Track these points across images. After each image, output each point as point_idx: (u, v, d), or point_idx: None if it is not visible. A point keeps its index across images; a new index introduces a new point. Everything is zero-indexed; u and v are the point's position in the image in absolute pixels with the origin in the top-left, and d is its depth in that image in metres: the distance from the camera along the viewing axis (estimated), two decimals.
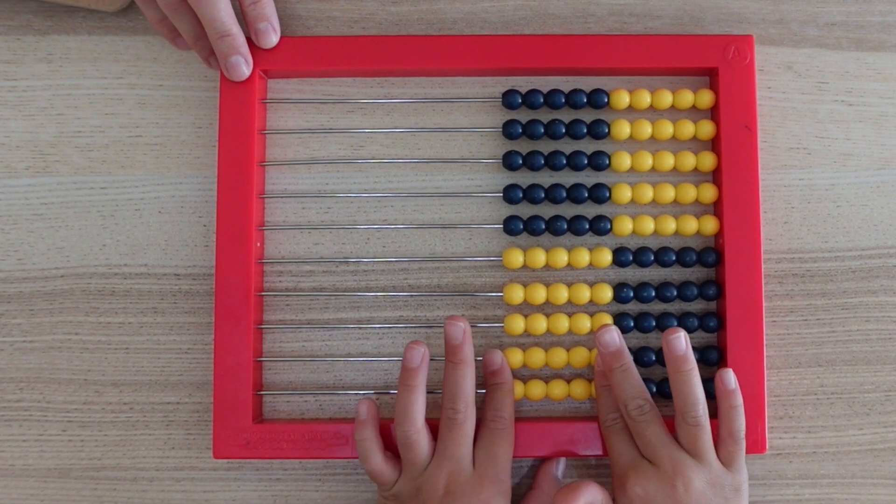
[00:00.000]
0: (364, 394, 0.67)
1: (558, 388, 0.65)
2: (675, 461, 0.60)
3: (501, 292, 0.66)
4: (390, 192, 0.68)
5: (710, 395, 0.63)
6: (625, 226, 0.66)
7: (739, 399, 0.62)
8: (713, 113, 0.67)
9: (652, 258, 0.66)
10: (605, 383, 0.64)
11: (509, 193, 0.66)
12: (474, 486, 0.61)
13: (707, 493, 0.59)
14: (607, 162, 0.66)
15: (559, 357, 0.65)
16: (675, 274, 0.67)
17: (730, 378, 0.62)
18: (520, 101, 0.66)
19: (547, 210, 0.67)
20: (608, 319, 0.65)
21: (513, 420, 0.63)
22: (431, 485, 0.61)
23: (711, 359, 0.65)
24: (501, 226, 0.66)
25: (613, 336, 0.62)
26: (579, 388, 0.65)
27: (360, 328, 0.67)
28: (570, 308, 0.67)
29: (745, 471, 0.62)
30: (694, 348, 0.64)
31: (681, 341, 0.61)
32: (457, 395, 0.62)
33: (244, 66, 0.64)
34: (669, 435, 0.61)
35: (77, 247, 0.68)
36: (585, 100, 0.66)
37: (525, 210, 0.67)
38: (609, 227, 0.66)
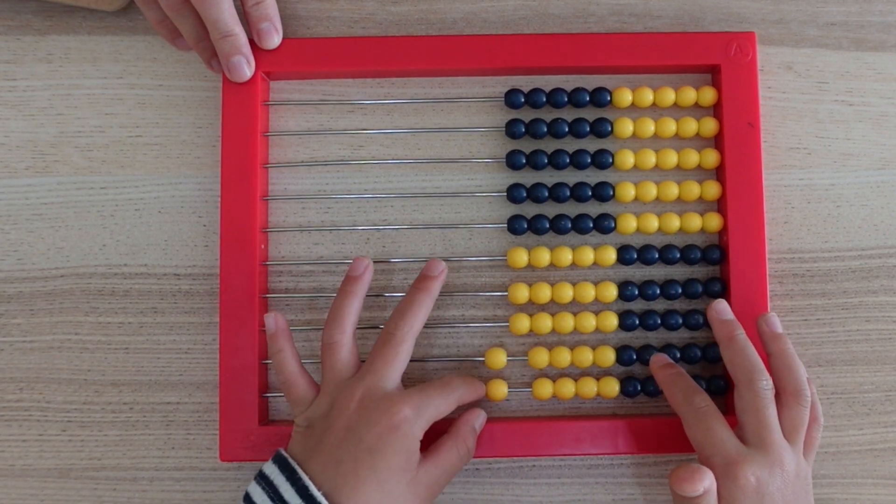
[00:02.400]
0: None
1: (565, 387, 0.63)
2: (780, 447, 0.55)
3: (504, 292, 0.64)
4: (391, 193, 0.65)
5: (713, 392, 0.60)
6: (629, 224, 0.63)
7: (813, 388, 0.58)
8: (716, 110, 0.64)
9: (656, 256, 0.63)
10: (675, 370, 0.60)
11: (513, 193, 0.63)
12: (390, 401, 0.56)
13: (795, 481, 0.55)
14: (610, 160, 0.63)
15: (564, 356, 0.63)
16: (679, 271, 0.65)
17: (775, 322, 0.59)
18: (522, 100, 0.64)
19: (550, 209, 0.64)
20: (613, 318, 0.63)
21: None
22: (345, 397, 0.56)
23: (715, 356, 0.63)
24: (505, 225, 0.64)
25: (726, 306, 0.59)
26: (586, 387, 0.63)
27: (360, 329, 0.64)
28: (575, 307, 0.64)
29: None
30: (698, 346, 0.63)
31: (776, 319, 0.59)
32: (406, 315, 0.58)
33: (246, 67, 0.62)
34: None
35: (77, 247, 0.65)
36: (588, 98, 0.64)
37: (528, 209, 0.64)
38: (613, 225, 0.63)
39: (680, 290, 0.63)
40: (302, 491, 0.54)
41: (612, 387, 0.62)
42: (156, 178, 0.65)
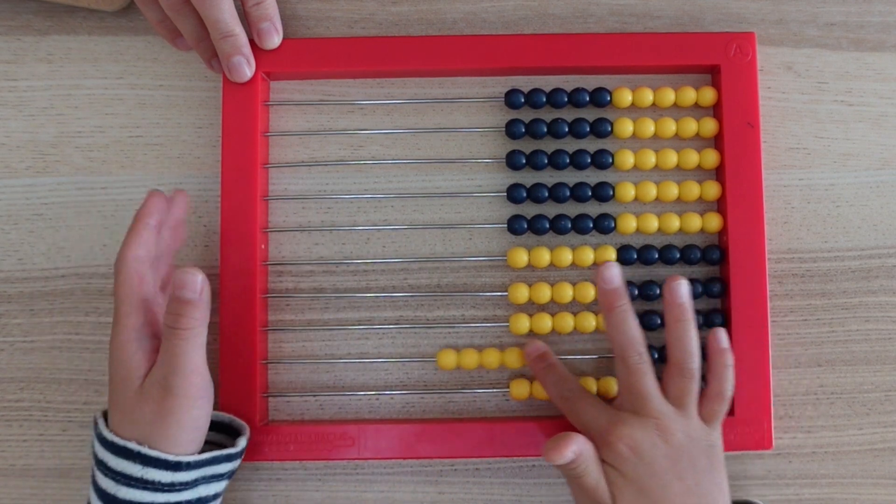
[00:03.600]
0: (365, 395, 0.64)
1: None
2: (661, 413, 0.56)
3: (503, 292, 0.63)
4: (391, 193, 0.65)
5: None
6: (629, 224, 0.62)
7: (731, 358, 0.59)
8: (716, 110, 0.64)
9: (656, 256, 0.63)
10: (548, 362, 0.60)
11: (513, 193, 0.63)
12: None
13: (686, 445, 0.56)
14: (610, 160, 0.63)
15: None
16: (679, 271, 0.64)
17: (722, 337, 0.59)
18: (522, 100, 0.64)
19: (550, 209, 0.64)
20: None
21: None
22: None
23: None
24: (505, 225, 0.63)
25: (616, 272, 0.58)
26: (586, 387, 0.62)
27: (360, 329, 0.64)
28: (575, 307, 0.63)
29: (720, 431, 0.58)
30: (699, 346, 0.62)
31: (683, 288, 0.57)
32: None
33: (246, 67, 0.61)
34: (658, 387, 0.57)
35: (77, 247, 0.64)
36: (588, 98, 0.63)
37: (528, 209, 0.64)
38: (613, 225, 0.63)
39: None
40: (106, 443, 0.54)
41: (613, 386, 0.62)
42: (156, 178, 0.65)
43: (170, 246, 0.60)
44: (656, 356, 0.62)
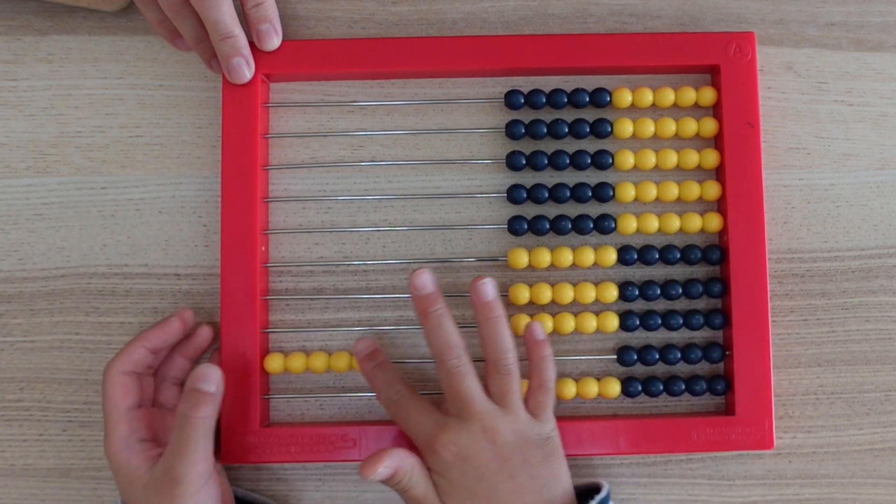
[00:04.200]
0: (365, 395, 0.63)
1: (566, 387, 0.62)
2: (486, 413, 0.56)
3: (504, 293, 0.63)
4: (391, 193, 0.64)
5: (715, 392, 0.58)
6: (629, 224, 0.62)
7: (548, 349, 0.58)
8: (715, 110, 0.63)
9: (656, 256, 0.62)
10: (377, 361, 0.59)
11: (513, 194, 0.63)
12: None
13: (516, 442, 0.56)
14: (610, 161, 0.62)
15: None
16: (679, 272, 0.64)
17: (537, 329, 0.59)
18: (522, 101, 0.63)
19: (551, 210, 0.63)
20: (614, 318, 0.62)
21: None
22: None
23: (716, 356, 0.62)
24: (505, 226, 0.63)
25: (426, 278, 0.57)
26: (586, 387, 0.62)
27: (360, 329, 0.64)
28: (576, 307, 0.63)
29: (554, 421, 0.58)
30: (699, 346, 0.62)
31: (488, 287, 0.57)
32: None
33: (246, 69, 0.61)
34: (482, 388, 0.57)
35: (77, 247, 0.64)
36: (588, 99, 0.63)
37: (529, 210, 0.63)
38: (613, 225, 0.62)
39: (680, 291, 0.62)
40: None
41: (613, 387, 0.62)
42: (156, 178, 0.64)
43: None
44: (679, 356, 0.62)
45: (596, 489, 0.58)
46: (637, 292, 0.62)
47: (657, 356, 0.62)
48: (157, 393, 0.61)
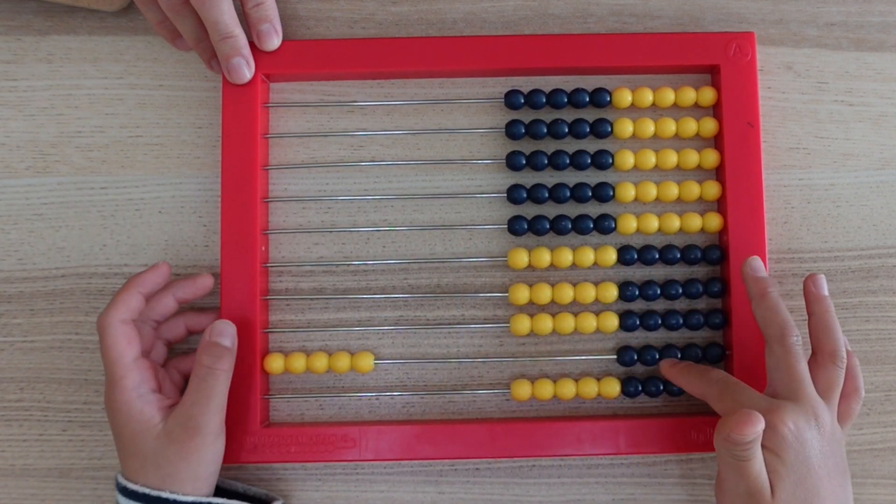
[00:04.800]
0: (365, 395, 0.63)
1: (566, 387, 0.62)
2: (814, 401, 0.54)
3: (504, 293, 0.63)
4: (391, 193, 0.64)
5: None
6: (629, 224, 0.62)
7: (857, 360, 0.58)
8: (715, 110, 0.63)
9: (656, 256, 0.62)
10: (680, 365, 0.60)
11: (513, 194, 0.62)
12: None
13: (833, 441, 0.54)
14: (610, 161, 0.62)
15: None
16: (679, 272, 0.64)
17: (846, 342, 0.58)
18: (522, 101, 0.63)
19: (551, 210, 0.63)
20: (614, 318, 0.62)
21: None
22: None
23: (716, 356, 0.62)
24: (505, 226, 0.63)
25: (759, 263, 0.58)
26: (586, 387, 0.62)
27: (360, 329, 0.64)
28: (576, 307, 0.63)
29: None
30: (699, 346, 0.62)
31: (824, 280, 0.57)
32: None
33: (246, 69, 0.61)
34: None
35: (77, 247, 0.64)
36: (588, 99, 0.63)
37: (529, 210, 0.63)
38: (613, 225, 0.62)
39: (680, 291, 0.62)
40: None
41: (613, 387, 0.62)
42: (156, 178, 0.64)
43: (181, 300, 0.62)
44: (679, 355, 0.62)
45: None
46: (637, 292, 0.62)
47: (657, 356, 0.62)
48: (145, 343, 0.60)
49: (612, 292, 0.62)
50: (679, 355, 0.62)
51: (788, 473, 0.52)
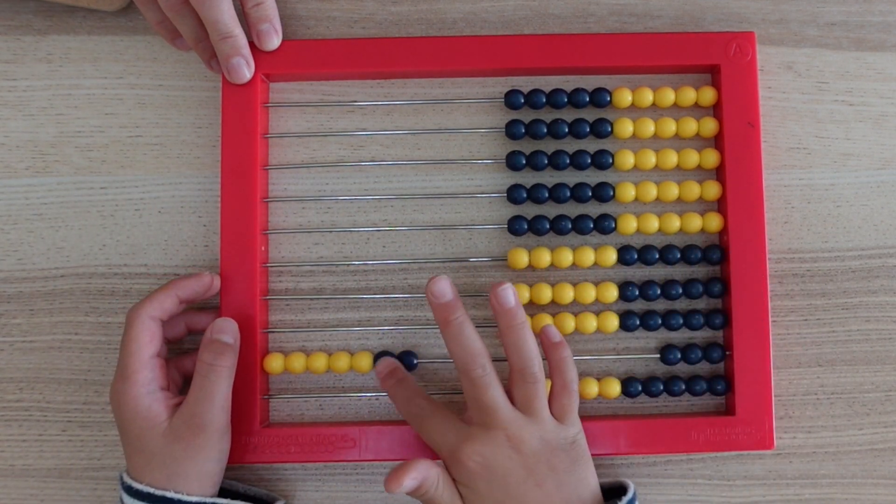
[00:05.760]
0: (365, 395, 0.63)
1: None
2: (511, 422, 0.55)
3: None
4: (391, 193, 0.64)
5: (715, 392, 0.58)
6: (629, 224, 0.62)
7: (567, 350, 0.57)
8: (716, 110, 0.63)
9: (657, 256, 0.62)
10: (397, 378, 0.59)
11: (513, 194, 0.62)
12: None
13: (542, 450, 0.55)
14: (610, 161, 0.62)
15: None
16: (679, 272, 0.63)
17: (553, 332, 0.58)
18: (522, 101, 0.63)
19: (551, 210, 0.63)
20: (614, 318, 0.62)
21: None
22: None
23: (716, 356, 0.62)
24: (505, 226, 0.63)
25: (445, 285, 0.55)
26: (587, 387, 0.62)
27: (360, 329, 0.64)
28: (576, 307, 0.63)
29: (579, 423, 0.57)
30: (699, 346, 0.62)
31: (509, 293, 0.55)
32: None
33: (245, 69, 0.60)
34: (505, 395, 0.56)
35: (77, 247, 0.64)
36: (588, 99, 0.63)
37: (529, 210, 0.63)
38: (613, 225, 0.62)
39: (680, 291, 0.62)
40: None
41: (614, 387, 0.61)
42: (156, 178, 0.64)
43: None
44: (679, 356, 0.62)
45: (622, 489, 0.57)
46: (637, 292, 0.62)
47: (657, 355, 0.62)
48: None
49: (612, 292, 0.62)
50: (679, 355, 0.61)
51: (482, 501, 0.54)
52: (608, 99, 0.62)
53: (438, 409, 0.57)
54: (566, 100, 0.63)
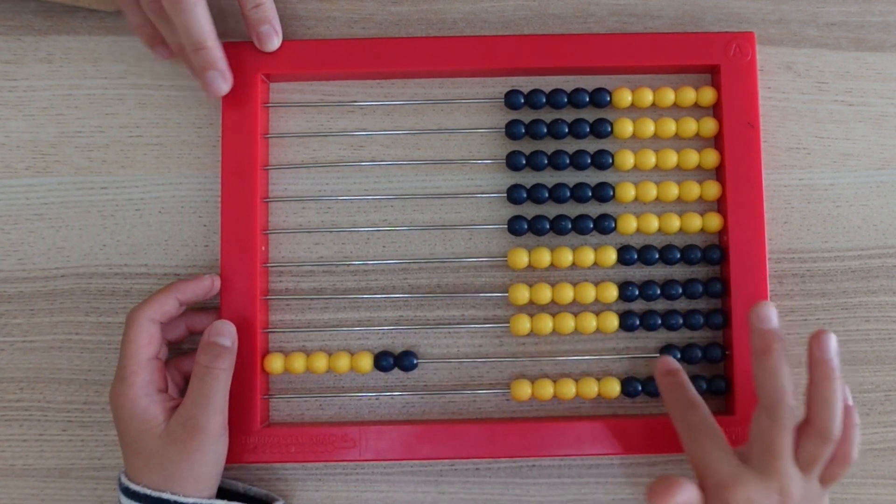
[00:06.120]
0: (365, 395, 0.63)
1: (566, 387, 0.62)
2: (788, 476, 0.51)
3: (504, 293, 0.62)
4: (391, 193, 0.64)
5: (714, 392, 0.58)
6: (629, 224, 0.62)
7: (857, 417, 0.54)
8: (715, 110, 0.63)
9: (656, 256, 0.62)
10: (676, 379, 0.57)
11: (513, 194, 0.62)
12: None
13: (807, 498, 0.52)
14: (610, 161, 0.62)
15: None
16: (679, 272, 0.63)
17: (847, 394, 0.53)
18: (522, 101, 0.63)
19: (551, 210, 0.63)
20: (614, 318, 0.61)
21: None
22: None
23: (716, 356, 0.62)
24: (505, 226, 0.62)
25: (772, 311, 0.52)
26: (587, 387, 0.62)
27: (360, 329, 0.63)
28: (576, 307, 0.63)
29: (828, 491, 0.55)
30: (699, 346, 0.62)
31: (832, 342, 0.52)
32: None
33: (221, 82, 0.59)
34: (793, 445, 0.52)
35: (77, 247, 0.64)
36: (588, 99, 0.63)
37: (529, 210, 0.63)
38: (613, 225, 0.62)
39: (680, 291, 0.62)
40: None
41: (613, 387, 0.61)
42: (156, 178, 0.64)
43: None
44: (679, 356, 0.61)
45: None
46: (637, 292, 0.62)
47: (657, 355, 0.62)
48: None
49: (612, 292, 0.61)
50: (679, 355, 0.61)
51: None
52: (608, 99, 0.62)
53: (716, 431, 0.54)
54: (566, 100, 0.63)
